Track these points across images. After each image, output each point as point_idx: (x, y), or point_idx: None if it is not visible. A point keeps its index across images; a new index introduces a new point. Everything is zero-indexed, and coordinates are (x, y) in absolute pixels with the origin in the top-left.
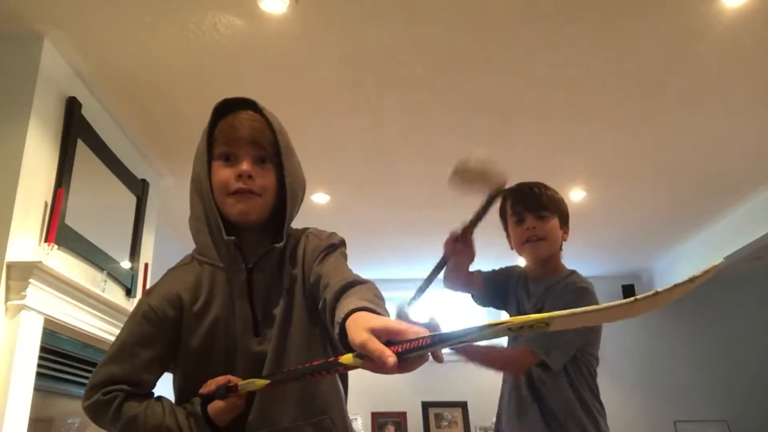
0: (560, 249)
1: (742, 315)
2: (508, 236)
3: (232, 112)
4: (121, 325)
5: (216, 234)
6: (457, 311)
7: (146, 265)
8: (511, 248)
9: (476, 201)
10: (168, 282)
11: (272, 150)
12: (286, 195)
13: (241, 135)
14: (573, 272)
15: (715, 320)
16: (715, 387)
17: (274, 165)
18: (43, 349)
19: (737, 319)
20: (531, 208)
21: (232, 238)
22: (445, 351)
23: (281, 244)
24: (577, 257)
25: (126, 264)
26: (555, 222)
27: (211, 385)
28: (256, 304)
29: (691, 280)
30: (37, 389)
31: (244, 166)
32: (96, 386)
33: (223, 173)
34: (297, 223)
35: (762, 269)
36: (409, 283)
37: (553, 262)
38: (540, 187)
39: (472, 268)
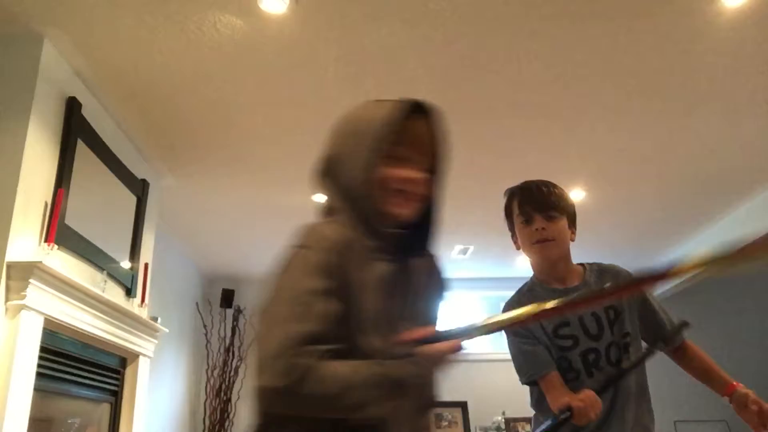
0: (569, 251)
1: (742, 315)
2: (513, 236)
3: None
4: (121, 325)
5: None
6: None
7: (146, 265)
8: (517, 248)
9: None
10: None
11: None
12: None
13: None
14: (597, 263)
15: (714, 320)
16: None
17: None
18: (43, 349)
19: (737, 318)
20: (540, 208)
21: None
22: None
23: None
24: (577, 257)
25: (126, 264)
26: (564, 222)
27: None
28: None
29: None
30: (37, 389)
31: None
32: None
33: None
34: (298, 222)
35: (762, 269)
36: None
37: (566, 264)
38: (548, 185)
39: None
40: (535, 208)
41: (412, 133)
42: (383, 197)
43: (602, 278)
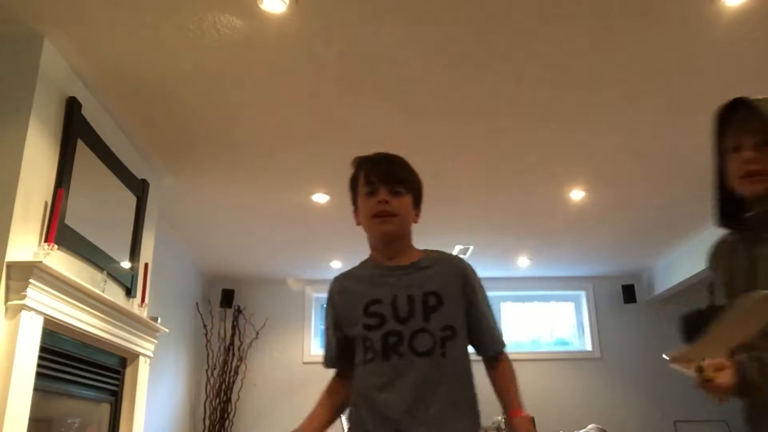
0: (410, 233)
1: None
2: (355, 209)
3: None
4: (121, 325)
5: None
6: None
7: (146, 265)
8: (357, 223)
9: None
10: None
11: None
12: None
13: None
14: (441, 252)
15: None
16: None
17: None
18: (43, 349)
19: None
20: (386, 180)
21: None
22: None
23: None
24: (578, 257)
25: (126, 264)
26: (409, 200)
27: None
28: None
29: None
30: (37, 389)
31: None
32: None
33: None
34: (297, 222)
35: None
36: None
37: (402, 244)
38: (398, 159)
39: None
40: (381, 179)
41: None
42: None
43: (435, 265)
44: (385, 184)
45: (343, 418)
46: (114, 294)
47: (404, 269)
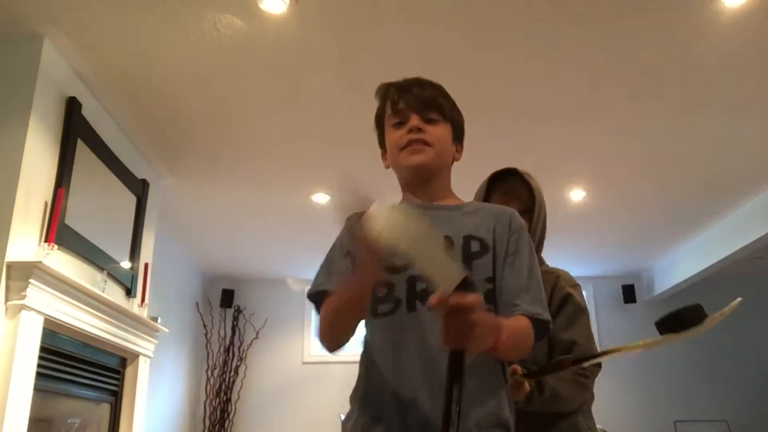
0: (449, 174)
1: (742, 315)
2: (383, 152)
3: None
4: (121, 325)
5: None
6: None
7: (146, 265)
8: (386, 166)
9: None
10: None
11: None
12: None
13: None
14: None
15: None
16: (715, 387)
17: None
18: (43, 349)
19: (737, 319)
20: (418, 106)
21: None
22: None
23: None
24: (577, 257)
25: (126, 264)
26: (447, 130)
27: None
28: None
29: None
30: (37, 389)
31: None
32: None
33: None
34: (297, 222)
35: (762, 269)
36: None
37: (441, 184)
38: (432, 83)
39: None
40: (411, 106)
41: None
42: None
43: (481, 212)
44: (416, 110)
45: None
46: (114, 294)
47: (446, 209)
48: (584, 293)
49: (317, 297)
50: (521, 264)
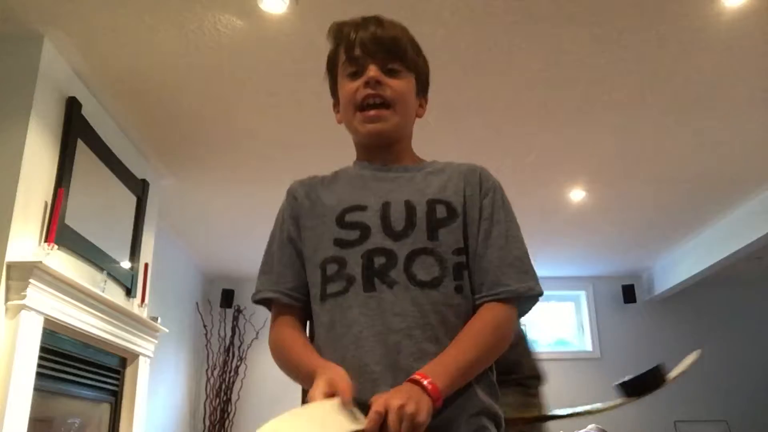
0: (411, 132)
1: (742, 315)
2: (335, 103)
3: None
4: (121, 325)
5: None
6: None
7: (146, 265)
8: (339, 121)
9: None
10: None
11: None
12: None
13: None
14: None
15: (714, 320)
16: (715, 387)
17: None
18: (43, 349)
19: (737, 319)
20: (376, 53)
21: None
22: None
23: None
24: (578, 257)
25: (126, 264)
26: (411, 82)
27: None
28: None
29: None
30: (37, 389)
31: None
32: None
33: None
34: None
35: (762, 269)
36: None
37: (401, 148)
38: (393, 22)
39: None
40: (369, 53)
41: None
42: None
43: (447, 170)
44: (375, 59)
45: None
46: (114, 294)
47: (405, 170)
48: (584, 293)
49: (263, 304)
50: (499, 231)
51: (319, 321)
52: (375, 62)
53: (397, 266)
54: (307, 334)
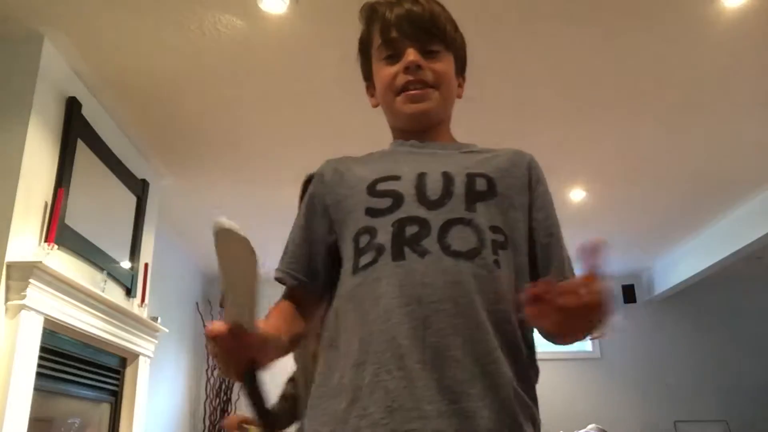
0: (451, 114)
1: (742, 315)
2: (369, 86)
3: None
4: (121, 325)
5: None
6: None
7: (146, 265)
8: (374, 105)
9: None
10: None
11: None
12: None
13: None
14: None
15: (715, 320)
16: (715, 387)
17: None
18: (43, 349)
19: (737, 318)
20: (416, 35)
21: None
22: None
23: None
24: (578, 257)
25: (126, 264)
26: (451, 62)
27: None
28: None
29: None
30: (37, 389)
31: None
32: None
33: None
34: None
35: (762, 269)
36: None
37: (442, 130)
38: (429, 2)
39: None
40: (407, 35)
41: None
42: None
43: (489, 151)
44: (413, 41)
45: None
46: (114, 294)
47: (442, 147)
48: None
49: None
50: (557, 227)
51: (349, 296)
52: (413, 45)
53: (431, 235)
54: (327, 314)
